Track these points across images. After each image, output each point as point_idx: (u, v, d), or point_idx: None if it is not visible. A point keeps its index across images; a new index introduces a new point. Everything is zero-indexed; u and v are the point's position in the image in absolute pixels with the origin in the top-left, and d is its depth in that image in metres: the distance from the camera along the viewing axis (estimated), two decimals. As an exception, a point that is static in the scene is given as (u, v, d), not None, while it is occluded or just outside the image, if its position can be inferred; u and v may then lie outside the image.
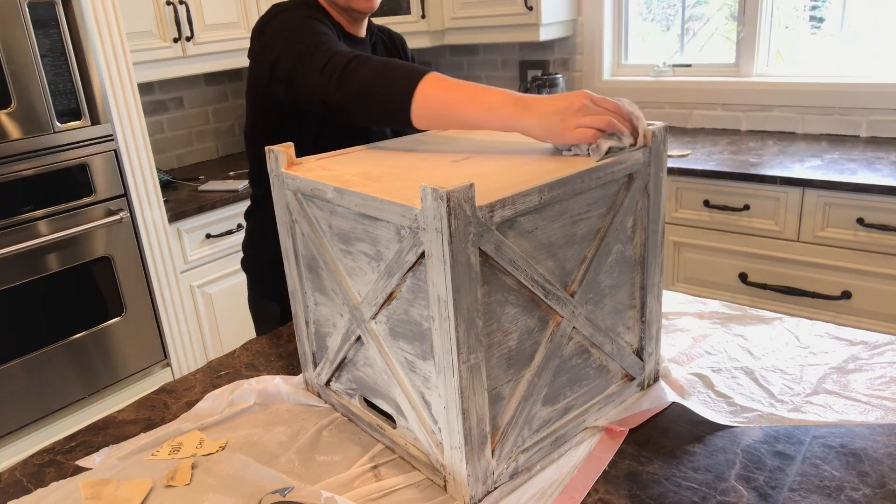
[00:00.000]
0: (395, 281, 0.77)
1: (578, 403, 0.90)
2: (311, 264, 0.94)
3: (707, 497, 0.78)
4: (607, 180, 0.84)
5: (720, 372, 1.04)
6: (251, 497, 0.82)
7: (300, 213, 0.92)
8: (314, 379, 1.02)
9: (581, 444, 0.88)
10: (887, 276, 1.97)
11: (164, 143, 2.92)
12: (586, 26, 2.90)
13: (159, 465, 0.90)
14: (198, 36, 2.56)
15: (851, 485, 0.79)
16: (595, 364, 0.91)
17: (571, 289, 0.83)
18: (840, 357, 1.06)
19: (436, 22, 2.92)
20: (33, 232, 1.98)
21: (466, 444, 0.75)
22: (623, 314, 0.93)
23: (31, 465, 0.93)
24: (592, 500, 0.79)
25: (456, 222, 0.67)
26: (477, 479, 0.78)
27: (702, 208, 2.24)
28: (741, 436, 0.89)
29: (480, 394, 0.75)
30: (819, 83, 2.46)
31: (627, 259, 0.91)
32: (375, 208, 0.76)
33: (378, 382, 0.89)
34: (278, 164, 0.93)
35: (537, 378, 0.82)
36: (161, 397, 1.08)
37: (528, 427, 0.84)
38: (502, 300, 0.76)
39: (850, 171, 2.04)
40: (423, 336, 0.77)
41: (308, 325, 1.00)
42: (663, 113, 2.83)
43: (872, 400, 0.95)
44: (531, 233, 0.77)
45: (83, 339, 2.13)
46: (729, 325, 1.18)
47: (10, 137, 1.89)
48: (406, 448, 0.86)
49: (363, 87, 1.01)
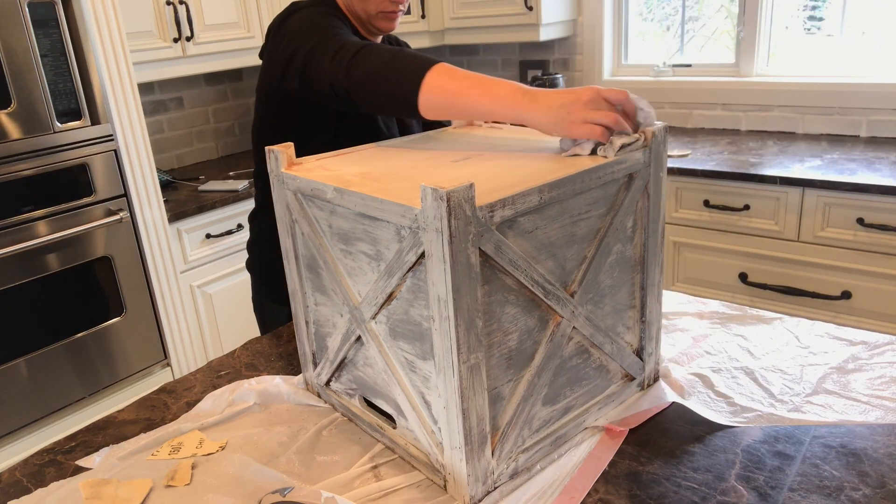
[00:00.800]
0: (395, 281, 0.77)
1: (578, 403, 0.90)
2: (311, 264, 0.94)
3: (707, 497, 0.78)
4: (607, 180, 0.84)
5: (720, 372, 1.04)
6: (251, 497, 0.82)
7: (300, 214, 0.92)
8: (314, 379, 1.02)
9: (581, 444, 0.88)
10: (887, 276, 1.97)
11: (164, 143, 2.92)
12: (586, 26, 2.90)
13: (159, 465, 0.90)
14: (198, 36, 2.56)
15: (851, 485, 0.79)
16: (595, 364, 0.91)
17: (571, 289, 0.83)
18: (840, 357, 1.06)
19: (436, 22, 2.92)
20: (33, 232, 1.98)
21: (466, 444, 0.75)
22: (623, 314, 0.93)
23: (31, 465, 0.93)
24: (592, 500, 0.79)
25: (456, 222, 0.67)
26: (477, 479, 0.78)
27: (702, 208, 2.24)
28: (741, 436, 0.89)
29: (480, 394, 0.75)
30: (819, 83, 2.46)
31: (627, 259, 0.91)
32: (375, 208, 0.76)
33: (378, 382, 0.89)
34: (278, 164, 0.92)
35: (537, 378, 0.82)
36: (161, 397, 1.08)
37: (528, 427, 0.84)
38: (502, 300, 0.76)
39: (850, 171, 2.04)
40: (423, 336, 0.77)
41: (308, 325, 1.00)
42: (663, 113, 2.82)
43: (872, 400, 0.95)
44: (531, 233, 0.77)
45: (83, 339, 2.13)
46: (729, 325, 1.18)
47: (10, 137, 1.89)
48: (406, 448, 0.86)
49: (372, 72, 1.01)
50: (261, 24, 2.74)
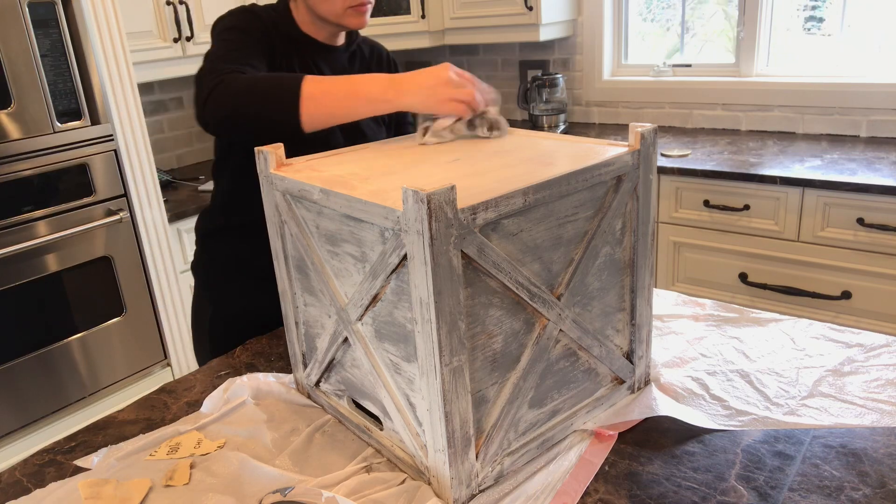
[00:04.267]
0: (380, 283, 0.77)
1: (566, 406, 0.90)
2: (300, 265, 0.94)
3: (707, 497, 0.78)
4: (594, 182, 0.83)
5: (715, 375, 1.03)
6: (250, 496, 0.82)
7: (289, 214, 0.92)
8: (304, 380, 1.02)
9: (571, 448, 0.88)
10: (887, 276, 1.96)
11: (164, 143, 2.93)
12: (586, 26, 2.89)
13: (158, 466, 0.90)
14: (198, 36, 2.56)
15: (851, 485, 0.79)
16: (583, 367, 0.90)
17: (558, 291, 0.83)
18: (836, 359, 1.05)
19: (436, 22, 2.92)
20: (33, 232, 1.98)
21: (450, 447, 0.75)
22: (612, 317, 0.92)
23: (31, 465, 0.93)
24: (592, 501, 0.79)
25: (437, 224, 0.67)
26: (461, 481, 0.78)
27: (702, 208, 2.23)
28: (741, 436, 0.89)
29: (464, 396, 0.75)
30: (819, 83, 2.45)
31: (616, 262, 0.91)
32: (360, 210, 0.76)
33: (365, 384, 0.89)
34: (267, 164, 0.92)
35: (523, 381, 0.82)
36: (161, 397, 1.08)
37: (513, 430, 0.83)
38: (486, 302, 0.75)
39: (850, 171, 2.03)
40: (407, 338, 0.77)
41: (298, 325, 1.00)
42: (663, 113, 2.81)
43: (868, 403, 0.94)
44: (516, 235, 0.76)
45: (83, 339, 2.14)
46: (724, 327, 1.17)
47: (10, 137, 1.90)
48: (392, 450, 0.86)
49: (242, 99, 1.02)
50: (261, 24, 2.74)
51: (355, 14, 1.22)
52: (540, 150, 0.91)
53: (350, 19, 1.23)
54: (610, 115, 2.97)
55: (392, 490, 0.81)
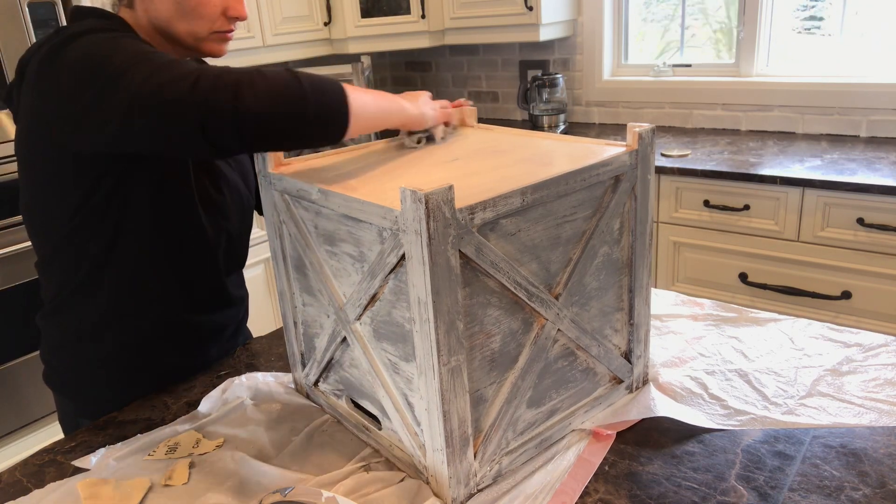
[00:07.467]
0: (378, 283, 0.77)
1: (564, 406, 0.90)
2: (298, 265, 0.95)
3: (707, 497, 0.78)
4: (593, 182, 0.83)
5: (714, 374, 1.03)
6: (249, 496, 0.83)
7: (287, 214, 0.92)
8: (303, 379, 1.02)
9: (569, 448, 0.88)
10: (887, 276, 1.95)
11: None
12: (586, 26, 2.89)
13: (157, 465, 0.90)
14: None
15: (851, 485, 0.79)
16: (581, 367, 0.91)
17: (556, 291, 0.83)
18: (834, 359, 1.05)
19: (436, 22, 2.92)
20: (32, 232, 1.98)
21: (448, 447, 0.75)
22: (610, 317, 0.93)
23: (31, 465, 0.93)
24: (592, 501, 0.79)
25: (435, 224, 0.67)
26: (459, 481, 0.78)
27: (702, 208, 2.23)
28: (741, 436, 0.89)
29: (462, 396, 0.75)
30: (819, 83, 2.44)
31: (614, 261, 0.91)
32: (358, 210, 0.76)
33: (363, 384, 0.89)
34: (265, 164, 0.93)
35: (521, 380, 0.82)
36: (161, 397, 1.08)
37: (512, 429, 0.83)
38: (484, 302, 0.76)
39: (850, 171, 2.03)
40: (405, 338, 0.77)
41: (297, 325, 1.00)
42: (663, 113, 2.81)
43: (866, 402, 0.94)
44: (514, 235, 0.77)
45: (83, 339, 2.14)
46: (723, 326, 1.17)
47: (10, 137, 1.90)
48: (391, 450, 0.86)
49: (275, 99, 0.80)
50: (261, 24, 2.75)
51: (218, 40, 1.05)
52: (538, 150, 0.92)
53: (211, 45, 1.05)
54: (610, 115, 2.97)
55: (391, 489, 0.81)
